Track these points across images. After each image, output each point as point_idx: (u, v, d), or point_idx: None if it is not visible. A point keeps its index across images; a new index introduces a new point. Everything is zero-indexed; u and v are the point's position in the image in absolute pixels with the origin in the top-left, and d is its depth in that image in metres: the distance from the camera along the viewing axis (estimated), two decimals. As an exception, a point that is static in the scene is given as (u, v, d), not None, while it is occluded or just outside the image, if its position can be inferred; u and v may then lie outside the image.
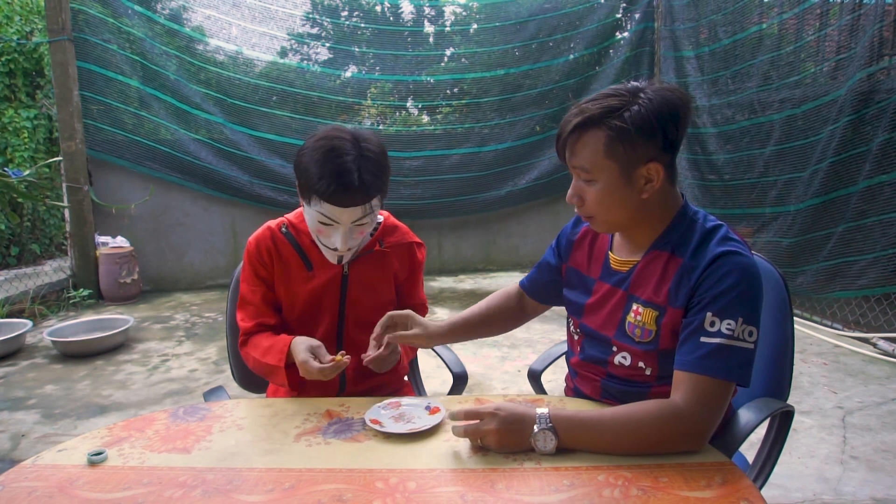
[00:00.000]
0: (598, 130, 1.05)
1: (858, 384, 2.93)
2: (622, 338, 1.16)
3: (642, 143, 1.05)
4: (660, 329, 1.11)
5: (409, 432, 1.08)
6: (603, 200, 1.09)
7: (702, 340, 1.02)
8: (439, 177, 5.62)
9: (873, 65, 3.47)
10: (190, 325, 4.25)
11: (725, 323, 1.01)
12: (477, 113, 5.77)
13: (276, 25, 5.43)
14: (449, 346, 1.61)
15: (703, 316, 1.03)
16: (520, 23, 5.68)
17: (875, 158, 3.39)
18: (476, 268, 6.02)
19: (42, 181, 5.15)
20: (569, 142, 1.09)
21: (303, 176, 1.25)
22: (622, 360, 1.18)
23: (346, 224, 1.26)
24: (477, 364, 3.32)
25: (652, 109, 1.04)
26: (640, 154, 1.05)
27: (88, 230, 4.92)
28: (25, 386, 3.13)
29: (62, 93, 4.72)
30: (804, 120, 4.03)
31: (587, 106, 1.07)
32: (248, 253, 1.42)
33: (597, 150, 1.06)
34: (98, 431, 1.13)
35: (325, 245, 1.31)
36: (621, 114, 1.04)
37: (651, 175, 1.07)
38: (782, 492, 2.03)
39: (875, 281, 3.45)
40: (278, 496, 0.90)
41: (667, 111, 1.04)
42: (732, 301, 1.02)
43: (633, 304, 1.14)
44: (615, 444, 1.00)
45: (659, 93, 1.06)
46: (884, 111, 3.34)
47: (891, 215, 3.35)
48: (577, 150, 1.09)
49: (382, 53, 5.61)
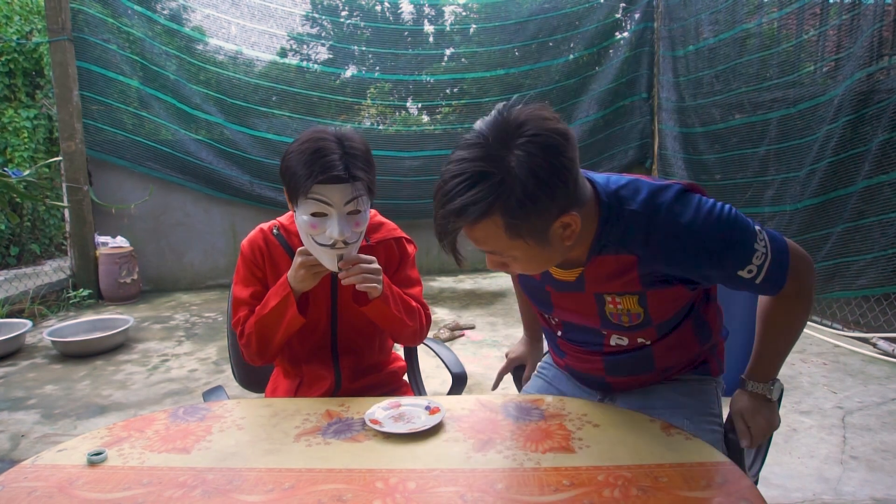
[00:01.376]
0: (486, 223, 0.91)
1: (858, 384, 2.93)
2: (609, 326, 1.17)
3: (545, 207, 0.91)
4: (647, 309, 1.11)
5: (409, 432, 1.08)
6: (529, 266, 1.01)
7: (757, 283, 1.04)
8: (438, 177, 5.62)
9: (872, 65, 3.47)
10: (190, 326, 4.25)
11: (748, 266, 1.02)
12: (477, 113, 5.77)
13: (275, 25, 5.43)
14: (448, 346, 1.61)
15: (734, 276, 1.03)
16: (520, 23, 5.68)
17: (874, 158, 3.39)
18: (476, 268, 6.02)
19: (42, 181, 5.16)
20: (458, 238, 0.95)
21: (291, 178, 1.24)
22: (619, 342, 1.20)
23: (340, 208, 1.23)
24: (477, 364, 3.32)
25: (539, 167, 0.87)
26: (548, 217, 0.92)
27: (88, 230, 4.92)
28: (25, 386, 3.13)
29: (62, 93, 4.72)
30: (800, 119, 4.03)
31: (459, 202, 0.89)
32: (242, 255, 1.42)
33: (499, 238, 0.93)
34: (98, 431, 1.13)
35: (321, 245, 1.26)
36: (503, 198, 0.88)
37: (568, 223, 0.95)
38: (782, 492, 2.03)
39: (874, 281, 3.45)
40: (278, 496, 0.90)
41: (557, 160, 0.89)
42: (726, 253, 1.00)
43: (606, 297, 1.12)
44: (791, 343, 1.16)
45: (532, 142, 0.88)
46: (883, 111, 3.35)
47: (890, 215, 3.35)
48: (475, 238, 0.95)
49: (382, 53, 5.61)
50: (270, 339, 1.36)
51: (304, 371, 1.46)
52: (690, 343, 1.23)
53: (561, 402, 1.21)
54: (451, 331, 3.85)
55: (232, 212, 5.41)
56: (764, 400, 1.17)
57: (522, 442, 1.05)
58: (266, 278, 1.41)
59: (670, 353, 1.21)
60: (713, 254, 1.00)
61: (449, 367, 1.58)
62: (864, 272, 3.50)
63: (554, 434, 1.07)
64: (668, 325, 1.17)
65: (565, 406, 1.19)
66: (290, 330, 1.35)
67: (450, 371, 1.57)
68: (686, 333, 1.21)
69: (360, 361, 1.47)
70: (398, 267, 1.48)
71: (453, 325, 3.91)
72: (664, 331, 1.18)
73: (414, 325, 1.42)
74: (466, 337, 3.85)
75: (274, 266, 1.40)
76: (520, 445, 1.04)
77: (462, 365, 1.59)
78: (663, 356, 1.21)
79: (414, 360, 1.70)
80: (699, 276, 1.06)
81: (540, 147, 0.88)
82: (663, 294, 1.09)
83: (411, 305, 1.42)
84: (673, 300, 1.12)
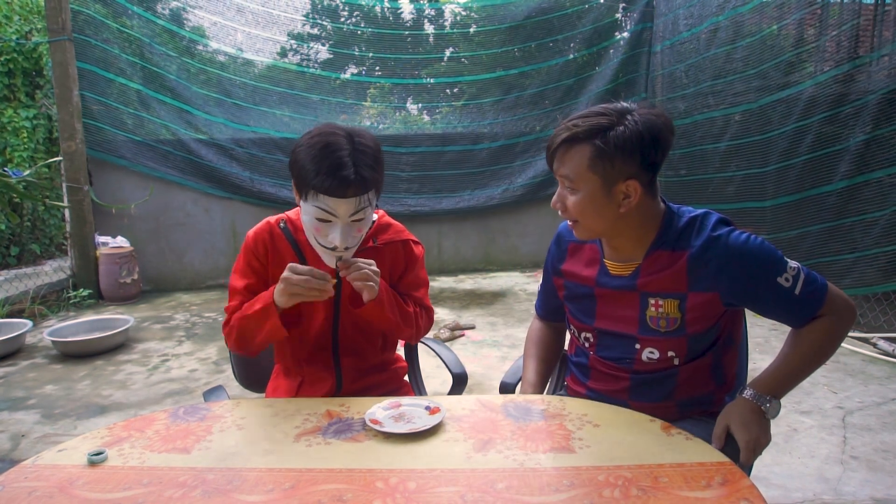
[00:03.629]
0: (585, 146, 1.14)
1: (858, 384, 2.93)
2: (647, 332, 1.22)
3: (623, 162, 1.13)
4: (685, 314, 1.18)
5: (409, 432, 1.08)
6: (584, 209, 1.18)
7: (796, 294, 1.14)
8: (436, 172, 5.64)
9: (846, 63, 3.50)
10: (190, 325, 4.25)
11: (784, 275, 1.14)
12: (476, 112, 5.78)
13: (276, 26, 5.43)
14: (448, 346, 1.61)
15: (772, 283, 1.13)
16: (519, 23, 5.69)
17: (852, 158, 3.42)
18: (476, 268, 6.02)
19: (42, 181, 5.16)
20: (557, 153, 1.18)
21: (299, 172, 1.25)
22: (650, 356, 1.23)
23: (345, 218, 1.25)
24: (477, 364, 3.32)
25: (635, 132, 1.12)
26: (620, 171, 1.14)
27: (88, 230, 4.92)
28: (25, 386, 3.13)
29: (62, 93, 4.72)
30: (761, 115, 4.07)
31: (577, 122, 1.15)
32: (245, 245, 1.42)
33: (581, 163, 1.15)
34: (98, 431, 1.13)
35: (323, 246, 1.29)
36: (606, 133, 1.12)
37: (629, 191, 1.15)
38: (782, 492, 2.03)
39: (857, 281, 3.46)
40: (278, 496, 0.90)
41: (649, 135, 1.12)
42: (767, 259, 1.14)
43: (650, 299, 1.21)
44: (810, 365, 1.17)
45: (645, 116, 1.14)
46: (861, 110, 3.36)
47: (874, 215, 3.37)
48: (564, 161, 1.18)
49: (382, 53, 5.62)
50: (250, 339, 1.36)
51: (305, 371, 1.46)
52: (708, 379, 1.27)
53: (561, 402, 1.21)
54: (452, 331, 3.85)
55: (232, 212, 5.41)
56: (757, 414, 1.13)
57: (522, 442, 1.05)
58: (267, 270, 1.41)
59: (690, 383, 1.25)
60: (753, 257, 1.14)
61: (449, 367, 1.58)
62: (848, 272, 3.51)
63: (554, 434, 1.07)
64: (697, 343, 1.22)
65: (565, 406, 1.19)
66: (272, 337, 1.35)
67: (450, 371, 1.57)
68: (706, 367, 1.25)
69: (361, 362, 1.47)
70: (405, 269, 1.48)
71: (453, 325, 3.91)
72: (693, 351, 1.22)
73: (409, 330, 1.43)
74: (466, 337, 3.85)
75: (278, 258, 1.40)
76: (520, 445, 1.04)
77: (462, 365, 1.59)
78: (684, 385, 1.25)
79: (414, 360, 1.70)
80: (740, 277, 1.14)
81: (646, 121, 1.13)
82: (702, 301, 1.18)
83: (407, 311, 1.42)
84: (707, 314, 1.19)
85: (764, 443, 1.11)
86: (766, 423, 1.13)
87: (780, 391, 1.16)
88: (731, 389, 1.32)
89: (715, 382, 1.28)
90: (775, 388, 1.15)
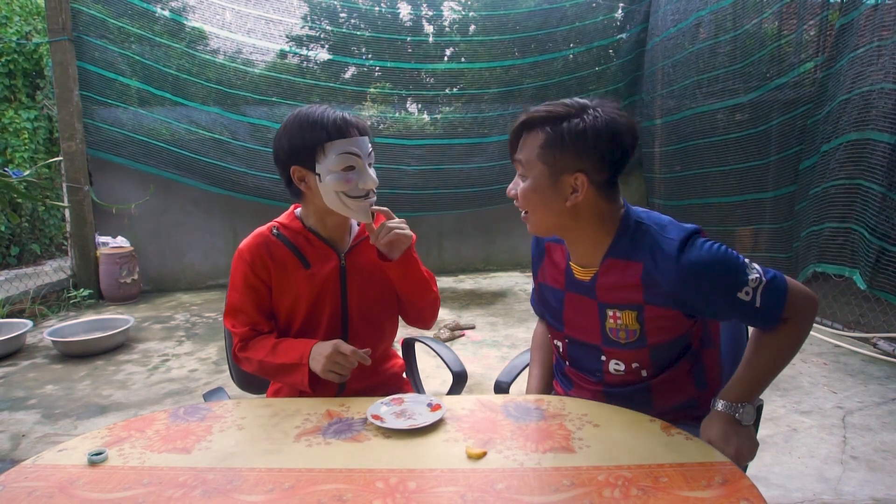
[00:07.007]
0: (538, 132, 1.14)
1: (858, 384, 2.93)
2: (609, 343, 1.20)
3: (574, 155, 1.11)
4: (643, 325, 1.16)
5: (410, 428, 1.09)
6: (530, 198, 1.17)
7: (756, 307, 1.08)
8: (437, 166, 5.63)
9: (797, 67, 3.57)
10: (190, 325, 4.25)
11: (744, 289, 1.08)
12: (476, 112, 5.78)
13: (275, 27, 5.43)
14: (448, 346, 1.61)
15: (731, 299, 1.08)
16: (519, 23, 5.68)
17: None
18: (476, 268, 6.02)
19: (42, 181, 5.16)
20: (517, 138, 1.19)
21: (300, 150, 1.30)
22: (616, 367, 1.22)
23: (365, 157, 1.32)
24: (477, 364, 3.32)
25: (592, 127, 1.10)
26: (569, 163, 1.12)
27: (89, 230, 4.92)
28: (25, 386, 3.13)
29: (62, 93, 4.72)
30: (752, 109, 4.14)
31: (539, 109, 1.15)
32: (238, 261, 1.39)
33: (533, 149, 1.14)
34: (98, 431, 1.13)
35: (354, 197, 1.32)
36: (560, 123, 1.11)
37: (577, 185, 1.13)
38: (782, 492, 2.03)
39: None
40: (278, 496, 0.90)
41: (607, 132, 1.10)
42: (725, 276, 1.08)
43: (608, 310, 1.19)
44: (774, 370, 1.14)
45: (608, 114, 1.11)
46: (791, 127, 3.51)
47: None
48: (520, 145, 1.18)
49: (381, 53, 5.61)
50: (270, 377, 1.41)
51: None
52: (687, 385, 1.25)
53: (561, 402, 1.21)
54: (452, 331, 3.85)
55: (232, 212, 5.40)
56: (735, 424, 1.10)
57: (522, 442, 1.05)
58: (270, 281, 1.39)
59: (669, 394, 1.23)
60: (709, 277, 1.09)
61: (449, 366, 1.58)
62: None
63: (554, 434, 1.07)
64: (664, 354, 1.20)
65: (565, 406, 1.19)
66: (294, 387, 1.37)
67: (450, 369, 1.57)
68: (682, 374, 1.24)
69: (366, 366, 1.47)
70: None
71: (453, 325, 3.91)
72: (660, 362, 1.21)
73: (436, 291, 1.48)
74: (466, 337, 3.85)
75: (280, 266, 1.39)
76: (520, 445, 1.04)
77: (462, 364, 1.59)
78: (661, 396, 1.23)
79: (413, 359, 1.70)
80: (697, 297, 1.10)
81: (607, 119, 1.11)
82: (660, 314, 1.15)
83: (425, 272, 1.47)
84: (669, 325, 1.17)
85: (748, 450, 1.08)
86: (745, 430, 1.10)
87: (751, 396, 1.13)
88: (716, 391, 1.29)
89: (696, 387, 1.26)
90: (745, 395, 1.12)
